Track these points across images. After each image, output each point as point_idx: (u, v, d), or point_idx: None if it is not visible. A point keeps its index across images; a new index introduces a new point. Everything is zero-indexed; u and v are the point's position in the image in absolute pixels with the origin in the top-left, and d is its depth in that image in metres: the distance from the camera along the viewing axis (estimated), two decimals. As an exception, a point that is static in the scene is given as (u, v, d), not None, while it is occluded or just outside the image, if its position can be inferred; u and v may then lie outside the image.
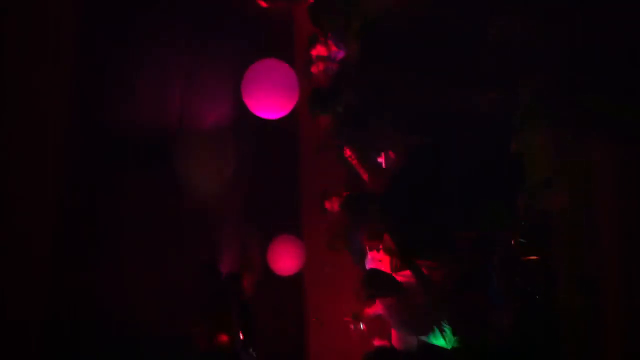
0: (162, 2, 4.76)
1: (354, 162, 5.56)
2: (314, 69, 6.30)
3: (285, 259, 5.81)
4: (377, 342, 5.13)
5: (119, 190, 4.51)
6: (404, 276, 4.85)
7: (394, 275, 4.94)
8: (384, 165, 5.55)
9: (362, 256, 5.45)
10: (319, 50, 6.18)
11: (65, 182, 4.14)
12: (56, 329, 4.26)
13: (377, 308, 5.04)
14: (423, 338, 4.52)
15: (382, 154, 5.51)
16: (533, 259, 4.54)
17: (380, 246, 5.27)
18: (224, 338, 5.28)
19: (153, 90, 4.75)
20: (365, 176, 5.58)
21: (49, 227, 3.99)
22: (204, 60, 5.34)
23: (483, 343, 4.44)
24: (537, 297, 4.51)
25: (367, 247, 5.46)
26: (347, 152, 5.52)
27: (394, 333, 5.13)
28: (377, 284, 5.03)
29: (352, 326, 5.48)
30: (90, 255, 4.47)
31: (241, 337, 5.41)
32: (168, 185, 4.91)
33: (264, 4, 6.50)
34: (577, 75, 3.93)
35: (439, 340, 4.52)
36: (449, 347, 4.48)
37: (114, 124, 4.47)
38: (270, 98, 5.38)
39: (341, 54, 6.10)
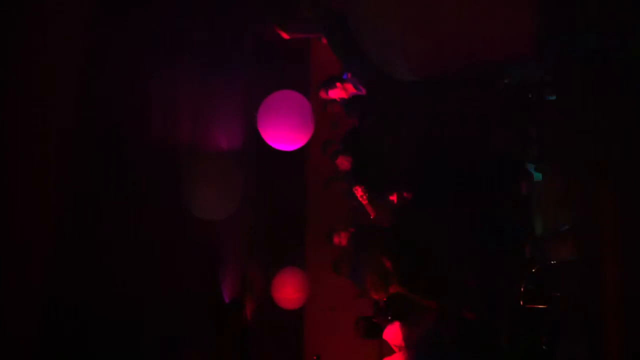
0: (175, 25, 4.77)
1: (364, 200, 5.58)
2: (329, 109, 6.37)
3: (289, 292, 5.77)
4: None
5: (125, 200, 4.46)
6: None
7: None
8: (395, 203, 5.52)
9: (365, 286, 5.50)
10: (336, 92, 6.22)
11: (70, 187, 4.08)
12: (53, 335, 4.17)
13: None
14: None
15: (395, 194, 5.45)
16: (540, 307, 4.48)
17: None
18: None
19: (162, 113, 4.75)
20: (372, 214, 5.59)
21: (51, 231, 3.92)
22: (216, 86, 5.36)
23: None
24: (543, 347, 4.44)
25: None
26: (359, 192, 5.56)
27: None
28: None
29: None
30: (90, 266, 4.38)
31: None
32: (174, 203, 4.89)
33: (285, 36, 6.55)
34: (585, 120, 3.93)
35: None
36: None
37: (122, 139, 4.44)
38: (285, 129, 5.38)
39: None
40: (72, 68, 3.55)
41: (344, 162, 5.98)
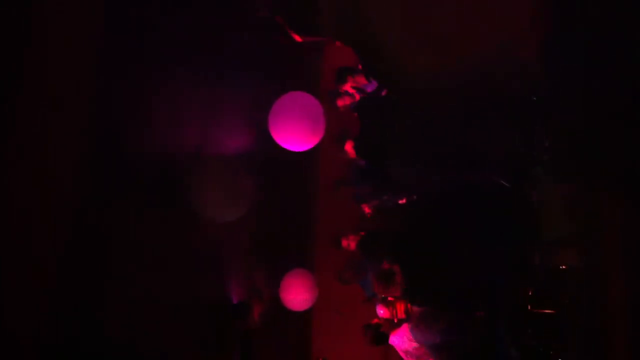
0: (182, 25, 4.77)
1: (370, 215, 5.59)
2: (339, 103, 6.36)
3: (297, 293, 5.72)
4: None
5: (126, 201, 4.44)
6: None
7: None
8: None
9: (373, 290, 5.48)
10: (347, 86, 6.23)
11: (70, 187, 4.07)
12: (53, 335, 4.16)
13: None
14: None
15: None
16: (545, 312, 4.43)
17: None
18: None
19: (172, 117, 4.75)
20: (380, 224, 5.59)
21: (52, 231, 3.93)
22: (223, 88, 5.35)
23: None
24: (547, 352, 4.38)
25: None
26: (366, 209, 5.56)
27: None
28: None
29: None
30: (91, 266, 4.37)
31: None
32: (178, 205, 4.88)
33: (298, 39, 6.56)
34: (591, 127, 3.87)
35: None
36: None
37: (123, 140, 4.44)
38: (297, 130, 5.35)
39: (370, 88, 6.14)
40: (73, 68, 3.56)
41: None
